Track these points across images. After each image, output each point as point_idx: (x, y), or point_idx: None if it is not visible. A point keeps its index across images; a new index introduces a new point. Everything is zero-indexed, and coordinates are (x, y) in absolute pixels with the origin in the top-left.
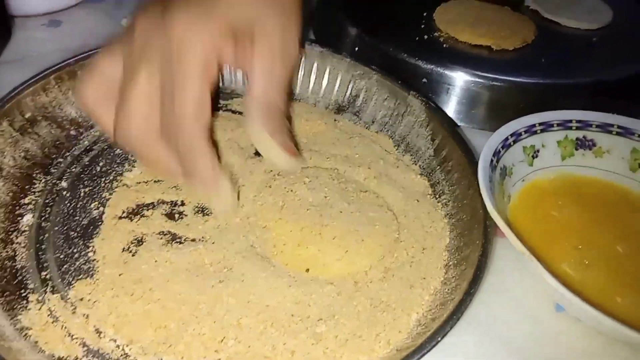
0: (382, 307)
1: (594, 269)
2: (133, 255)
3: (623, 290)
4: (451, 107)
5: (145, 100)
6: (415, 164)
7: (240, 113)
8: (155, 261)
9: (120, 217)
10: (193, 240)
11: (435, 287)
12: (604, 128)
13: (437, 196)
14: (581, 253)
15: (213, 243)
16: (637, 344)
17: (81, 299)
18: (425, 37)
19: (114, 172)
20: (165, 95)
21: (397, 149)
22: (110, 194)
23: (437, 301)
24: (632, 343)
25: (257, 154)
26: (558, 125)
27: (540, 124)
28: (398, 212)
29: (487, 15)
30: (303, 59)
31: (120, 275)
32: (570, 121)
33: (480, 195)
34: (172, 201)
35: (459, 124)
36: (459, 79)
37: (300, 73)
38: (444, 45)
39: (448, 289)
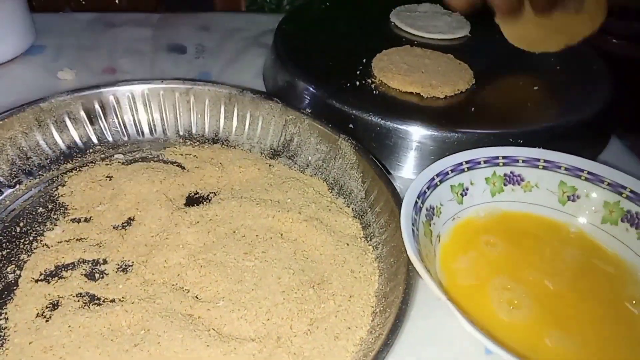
0: None
1: (523, 309)
2: (47, 321)
3: (551, 331)
4: (380, 154)
5: None
6: (348, 207)
7: (172, 163)
8: (69, 326)
9: (37, 280)
10: (112, 301)
11: (361, 337)
12: (531, 162)
13: (368, 239)
14: (511, 293)
15: (132, 303)
16: None
17: None
18: (358, 83)
19: (35, 232)
20: None
21: (331, 192)
22: (29, 256)
23: (361, 352)
24: None
25: (188, 202)
26: (485, 162)
27: (467, 162)
28: (327, 257)
29: (424, 62)
30: (236, 105)
31: (30, 343)
32: (497, 157)
33: None
34: (93, 260)
35: (391, 171)
36: (384, 125)
37: (235, 119)
38: (374, 92)
39: (372, 338)
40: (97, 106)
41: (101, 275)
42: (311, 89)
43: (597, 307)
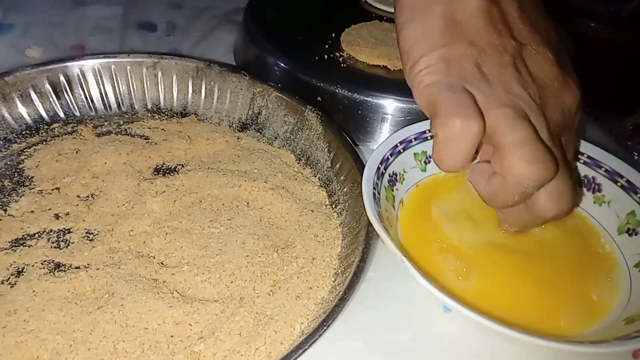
0: (266, 320)
1: (470, 279)
2: (12, 287)
3: (502, 292)
4: (348, 126)
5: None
6: (315, 176)
7: (139, 136)
8: (33, 291)
9: (3, 249)
10: (77, 267)
11: (323, 296)
12: None
13: (333, 206)
14: (461, 258)
15: (97, 269)
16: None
17: None
18: (326, 56)
19: (0, 203)
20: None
21: (298, 163)
22: None
23: (322, 309)
24: (511, 340)
25: (155, 173)
26: None
27: (430, 130)
28: (292, 223)
29: (392, 37)
30: (204, 79)
31: None
32: None
33: None
34: (59, 229)
35: (358, 143)
36: (351, 97)
37: (203, 93)
38: (342, 65)
39: (333, 297)
40: (62, 80)
41: (66, 244)
42: (280, 62)
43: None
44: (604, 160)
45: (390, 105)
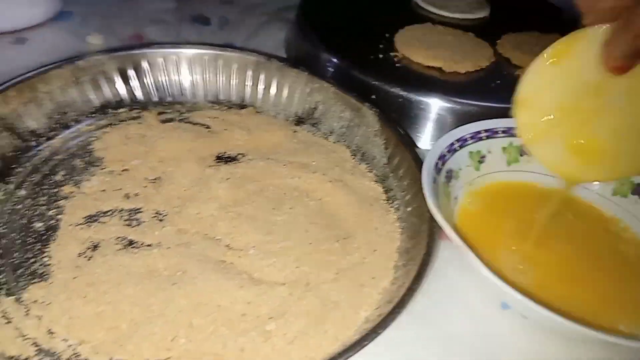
0: (332, 305)
1: (528, 274)
2: (88, 260)
3: (565, 291)
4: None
5: None
6: (371, 172)
7: (201, 125)
8: (109, 265)
9: (78, 224)
10: (149, 245)
11: (385, 287)
12: None
13: (390, 201)
14: (523, 257)
15: (168, 248)
16: (577, 336)
17: (35, 301)
18: (381, 56)
19: (73, 182)
20: None
21: (354, 158)
22: (69, 202)
23: (384, 299)
24: (573, 336)
25: (217, 160)
26: (503, 132)
27: (485, 130)
28: (352, 216)
29: (446, 39)
30: (263, 72)
31: (74, 278)
32: (514, 129)
33: None
34: (130, 208)
35: None
36: (406, 97)
37: (261, 86)
38: (397, 65)
39: (395, 288)
40: (129, 67)
41: (137, 223)
42: (335, 60)
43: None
44: None
45: (444, 106)
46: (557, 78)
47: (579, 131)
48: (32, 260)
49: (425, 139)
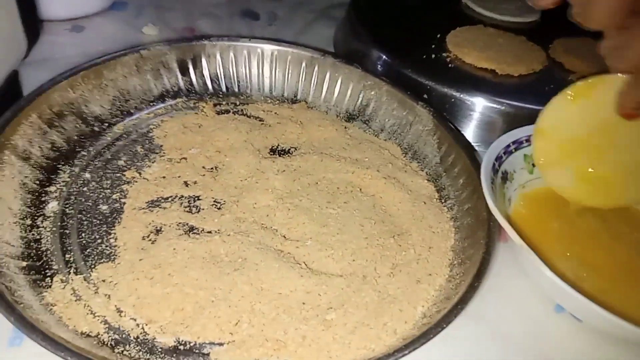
0: (390, 299)
1: (588, 278)
2: (152, 243)
3: (621, 294)
4: None
5: None
6: (422, 170)
7: (255, 117)
8: (174, 249)
9: (141, 208)
10: (209, 232)
11: (441, 284)
12: None
13: (442, 200)
14: (575, 262)
15: (228, 235)
16: (634, 338)
17: (103, 281)
18: (433, 56)
19: (135, 167)
20: None
21: (405, 156)
22: (131, 187)
23: (441, 296)
24: (629, 339)
25: (272, 152)
26: None
27: None
28: (406, 213)
29: (498, 41)
30: (316, 68)
31: (140, 260)
32: None
33: (484, 199)
34: (189, 196)
35: None
36: (458, 97)
37: (314, 82)
38: (449, 65)
39: (452, 285)
40: (189, 58)
41: (197, 210)
42: (386, 58)
43: None
44: None
45: (496, 108)
46: (575, 114)
47: (590, 162)
48: (99, 240)
49: (471, 140)
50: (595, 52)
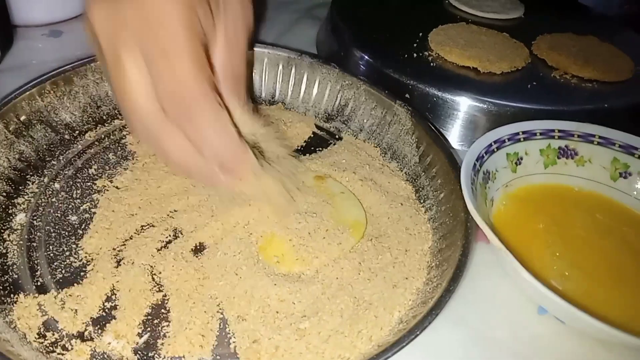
0: (365, 305)
1: (573, 278)
2: (122, 253)
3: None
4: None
5: (139, 85)
6: (401, 171)
7: None
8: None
9: (111, 218)
10: (182, 239)
11: (418, 287)
12: (586, 138)
13: (421, 201)
14: (560, 261)
15: (202, 242)
16: (617, 341)
17: (70, 295)
18: (415, 55)
19: (106, 175)
20: (156, 67)
21: (383, 157)
22: (102, 196)
23: (418, 300)
24: (612, 341)
25: None
26: (541, 134)
27: (523, 132)
28: (381, 215)
29: (481, 39)
30: (294, 69)
31: (109, 273)
32: (553, 130)
33: (463, 199)
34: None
35: None
36: (441, 96)
37: (291, 82)
38: (432, 64)
39: (430, 289)
40: None
41: (171, 217)
42: (368, 58)
43: None
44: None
45: (479, 107)
46: None
47: None
48: (67, 253)
49: (452, 139)
50: (578, 48)
